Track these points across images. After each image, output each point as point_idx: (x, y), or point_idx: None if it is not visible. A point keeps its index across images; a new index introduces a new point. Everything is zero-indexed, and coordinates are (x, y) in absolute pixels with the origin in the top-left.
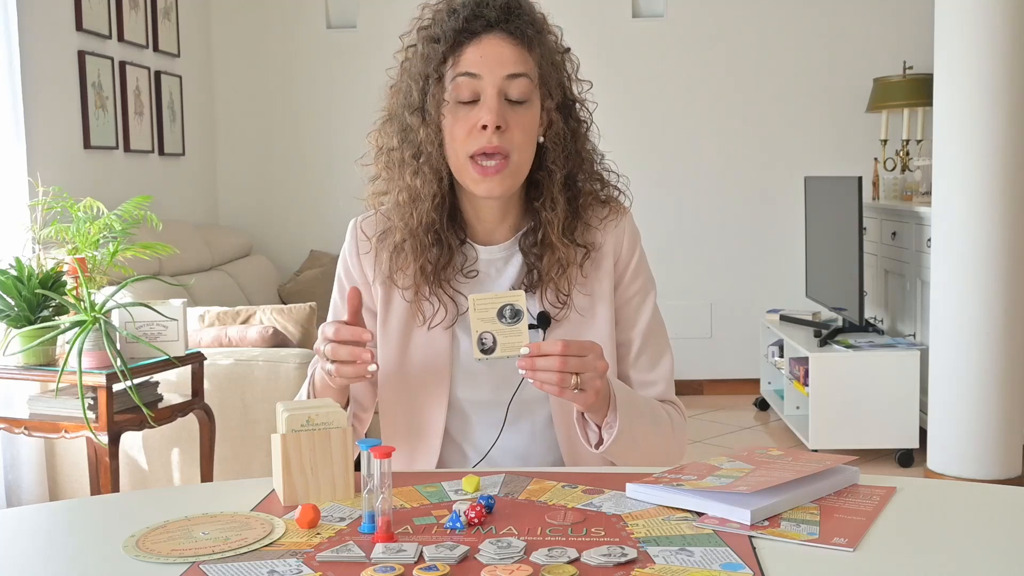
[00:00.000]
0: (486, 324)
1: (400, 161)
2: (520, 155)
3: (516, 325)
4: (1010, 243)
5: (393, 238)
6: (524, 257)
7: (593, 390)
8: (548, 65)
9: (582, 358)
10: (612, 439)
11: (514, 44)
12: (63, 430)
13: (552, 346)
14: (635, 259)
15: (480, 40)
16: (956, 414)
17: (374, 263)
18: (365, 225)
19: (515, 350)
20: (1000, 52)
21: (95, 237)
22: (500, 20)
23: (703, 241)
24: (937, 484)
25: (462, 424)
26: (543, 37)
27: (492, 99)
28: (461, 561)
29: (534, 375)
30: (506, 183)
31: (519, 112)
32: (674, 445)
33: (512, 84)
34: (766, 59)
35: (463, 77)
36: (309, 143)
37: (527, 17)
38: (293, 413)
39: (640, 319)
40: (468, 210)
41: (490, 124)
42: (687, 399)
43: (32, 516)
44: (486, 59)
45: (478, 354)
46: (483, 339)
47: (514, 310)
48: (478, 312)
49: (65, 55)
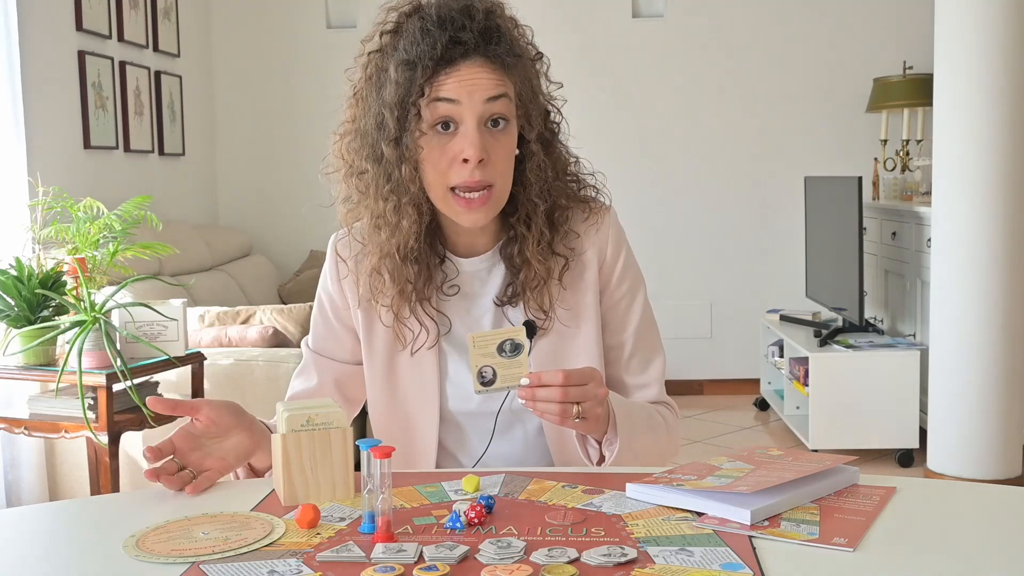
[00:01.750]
0: (486, 359)
1: (375, 188)
2: (502, 183)
3: (516, 357)
4: (1010, 243)
5: (370, 261)
6: (506, 267)
7: (594, 418)
8: (526, 86)
9: (583, 387)
10: (613, 456)
11: (493, 68)
12: (63, 430)
13: (553, 376)
14: (621, 260)
15: (458, 66)
16: (956, 414)
17: (355, 287)
18: (341, 247)
19: (515, 381)
20: (1000, 52)
21: (95, 237)
22: (480, 44)
23: (703, 241)
24: (937, 484)
25: (455, 435)
26: (521, 60)
27: (472, 131)
28: (461, 561)
29: (534, 405)
30: (487, 214)
31: (498, 138)
32: (669, 446)
33: (492, 106)
34: (766, 59)
35: (441, 102)
36: (309, 143)
37: (506, 43)
38: (293, 413)
39: (630, 321)
40: (447, 226)
41: (472, 159)
42: (687, 399)
43: (32, 516)
44: (464, 85)
45: (478, 387)
46: (483, 373)
47: (514, 344)
48: (477, 348)
49: (65, 55)
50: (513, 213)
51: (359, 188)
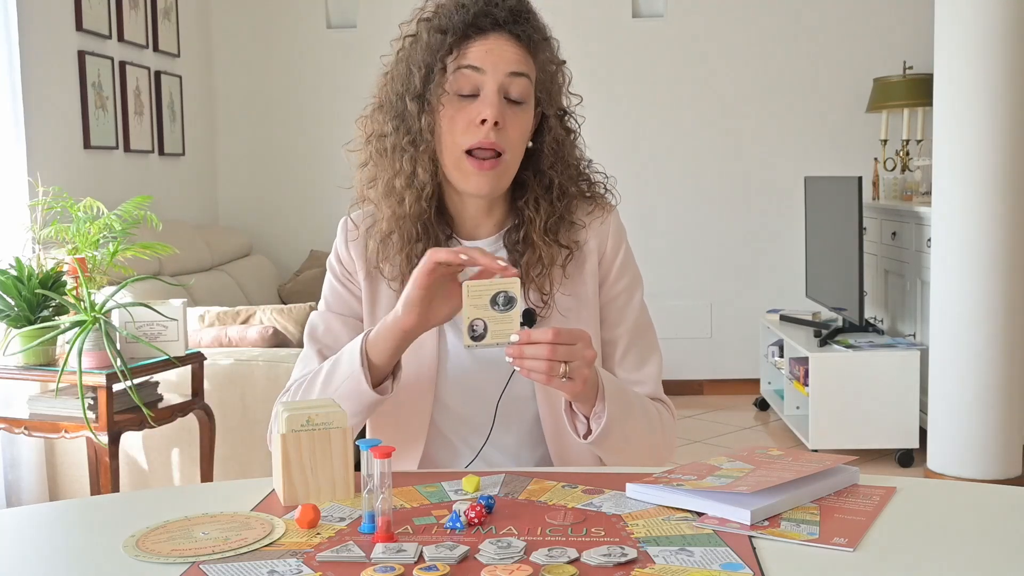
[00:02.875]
0: (479, 311)
1: (393, 147)
2: (512, 155)
3: (509, 312)
4: (1010, 243)
5: (380, 228)
6: (508, 254)
7: (581, 378)
8: (546, 72)
9: (571, 346)
10: (601, 428)
11: (518, 46)
12: (63, 430)
13: (542, 334)
14: (620, 257)
15: (487, 37)
16: (956, 414)
17: (362, 253)
18: (355, 216)
19: (505, 337)
20: (1000, 52)
21: (95, 237)
22: (508, 21)
23: (703, 241)
24: (937, 484)
25: (451, 421)
26: (546, 44)
27: (493, 95)
28: (461, 561)
29: (522, 363)
30: (496, 181)
31: (516, 113)
32: (664, 444)
33: (513, 83)
34: (766, 59)
35: (466, 70)
36: (309, 143)
37: (534, 23)
38: (293, 413)
39: (626, 317)
40: (454, 205)
41: (490, 119)
42: (687, 399)
43: (32, 516)
44: (491, 55)
45: (468, 341)
46: (474, 326)
47: (507, 297)
48: (471, 298)
49: (65, 55)
50: (522, 198)
51: (378, 150)
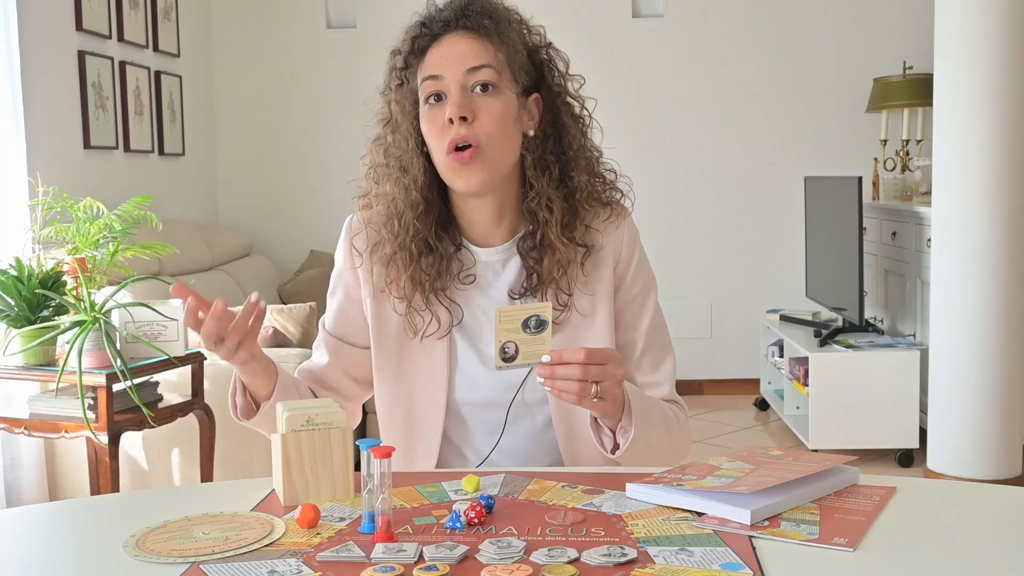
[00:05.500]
0: (510, 334)
1: (385, 175)
2: (493, 145)
3: (540, 334)
4: (1010, 243)
5: (383, 251)
6: (523, 261)
7: (612, 398)
8: (517, 51)
9: (602, 366)
10: (628, 444)
11: (473, 38)
12: (63, 430)
13: (575, 354)
14: (635, 260)
15: (440, 42)
16: (956, 414)
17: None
18: (357, 241)
19: (536, 358)
20: (1000, 52)
21: (95, 237)
22: (459, 17)
23: (703, 241)
24: (937, 484)
25: (461, 428)
26: (503, 27)
27: (455, 94)
28: (461, 561)
29: (553, 384)
30: (481, 175)
31: (487, 101)
32: (680, 445)
33: (475, 76)
34: (766, 59)
35: (428, 80)
36: (309, 143)
37: (482, 10)
38: (293, 413)
39: (642, 321)
40: (462, 215)
41: (454, 116)
42: (687, 399)
43: (32, 516)
44: (445, 58)
45: (499, 363)
46: (506, 348)
47: (539, 320)
48: (503, 323)
49: (65, 55)
50: (533, 199)
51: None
